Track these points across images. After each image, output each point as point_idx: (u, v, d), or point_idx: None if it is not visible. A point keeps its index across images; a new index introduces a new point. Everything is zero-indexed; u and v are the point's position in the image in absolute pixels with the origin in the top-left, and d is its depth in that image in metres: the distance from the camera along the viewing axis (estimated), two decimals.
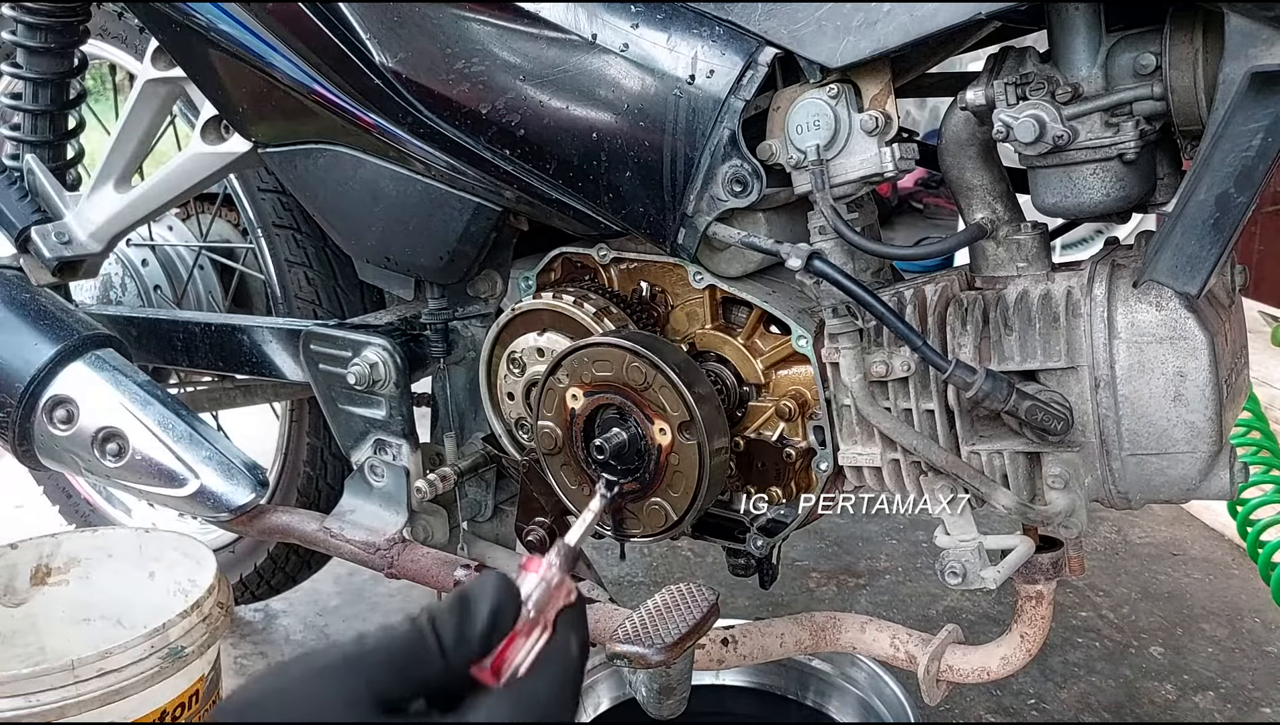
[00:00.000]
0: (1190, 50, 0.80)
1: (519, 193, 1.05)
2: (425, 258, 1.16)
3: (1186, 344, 0.83)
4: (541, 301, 1.10)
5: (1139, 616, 1.96)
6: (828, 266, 0.88)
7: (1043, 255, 0.91)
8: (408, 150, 1.08)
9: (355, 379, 1.19)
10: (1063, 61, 0.85)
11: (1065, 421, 0.85)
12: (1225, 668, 1.80)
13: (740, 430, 1.05)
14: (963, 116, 0.90)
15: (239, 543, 1.80)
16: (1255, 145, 0.76)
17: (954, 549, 0.94)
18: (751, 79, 0.91)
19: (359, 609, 2.05)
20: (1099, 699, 1.73)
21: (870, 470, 0.97)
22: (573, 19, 0.98)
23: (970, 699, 1.72)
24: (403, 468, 1.22)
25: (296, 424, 1.67)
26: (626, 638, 0.76)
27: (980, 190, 0.92)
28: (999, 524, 1.00)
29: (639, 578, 2.12)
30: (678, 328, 1.09)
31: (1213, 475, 0.86)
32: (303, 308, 1.53)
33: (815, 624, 1.15)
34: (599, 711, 1.46)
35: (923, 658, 1.06)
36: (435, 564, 1.19)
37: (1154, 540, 2.24)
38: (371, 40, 1.07)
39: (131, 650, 1.22)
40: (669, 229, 0.98)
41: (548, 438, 1.07)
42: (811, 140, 0.90)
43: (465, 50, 1.03)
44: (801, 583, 2.10)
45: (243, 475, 1.27)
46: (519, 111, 1.01)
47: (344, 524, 1.26)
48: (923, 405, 0.92)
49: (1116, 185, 0.85)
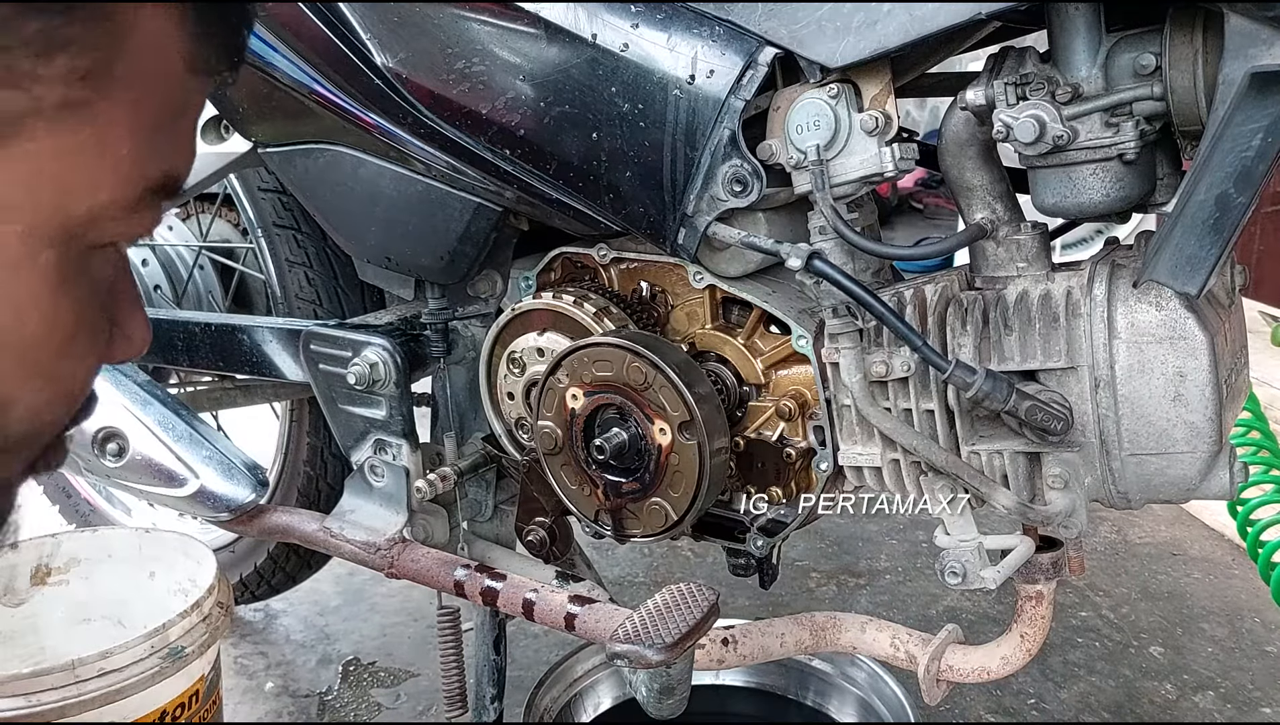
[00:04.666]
0: (1190, 50, 0.80)
1: (519, 193, 1.05)
2: (425, 258, 1.16)
3: (1186, 344, 0.83)
4: (541, 301, 1.10)
5: (1139, 616, 1.96)
6: (828, 266, 0.88)
7: (1043, 255, 0.91)
8: (408, 150, 1.08)
9: (355, 379, 1.19)
10: (1063, 61, 0.85)
11: (1065, 421, 0.85)
12: (1225, 667, 1.80)
13: (740, 430, 1.05)
14: (963, 116, 0.90)
15: (239, 543, 1.80)
16: (1255, 145, 0.76)
17: (954, 549, 0.94)
18: (751, 79, 0.91)
19: (359, 609, 2.05)
20: (1099, 699, 1.73)
21: (870, 470, 0.97)
22: (573, 19, 0.98)
23: (970, 699, 1.72)
24: (403, 468, 1.22)
25: (296, 424, 1.67)
26: (626, 638, 0.76)
27: (980, 190, 0.92)
28: (999, 524, 1.01)
29: (639, 578, 2.12)
30: (678, 328, 1.09)
31: (1213, 475, 0.86)
32: (303, 308, 1.53)
33: (815, 624, 1.15)
34: (599, 712, 1.46)
35: (923, 658, 1.06)
36: (435, 564, 1.19)
37: (1154, 540, 2.24)
38: (372, 40, 1.07)
39: (131, 650, 1.23)
40: (669, 229, 0.98)
41: (548, 438, 1.07)
42: (811, 140, 0.90)
43: (465, 50, 1.03)
44: (801, 583, 2.10)
45: (243, 475, 1.27)
46: (519, 111, 1.01)
47: (344, 524, 1.26)
48: (923, 405, 0.92)
49: (1116, 185, 0.85)
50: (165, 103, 0.45)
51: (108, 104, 0.42)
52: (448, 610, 1.33)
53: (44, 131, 0.40)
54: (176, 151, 0.47)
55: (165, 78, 0.44)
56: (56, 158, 0.41)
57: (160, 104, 0.45)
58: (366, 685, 1.83)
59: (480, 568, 1.16)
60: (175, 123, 0.46)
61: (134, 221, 0.45)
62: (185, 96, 0.46)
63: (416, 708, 1.77)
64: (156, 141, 0.45)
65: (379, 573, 1.24)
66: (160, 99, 0.45)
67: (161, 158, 0.45)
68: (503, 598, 1.12)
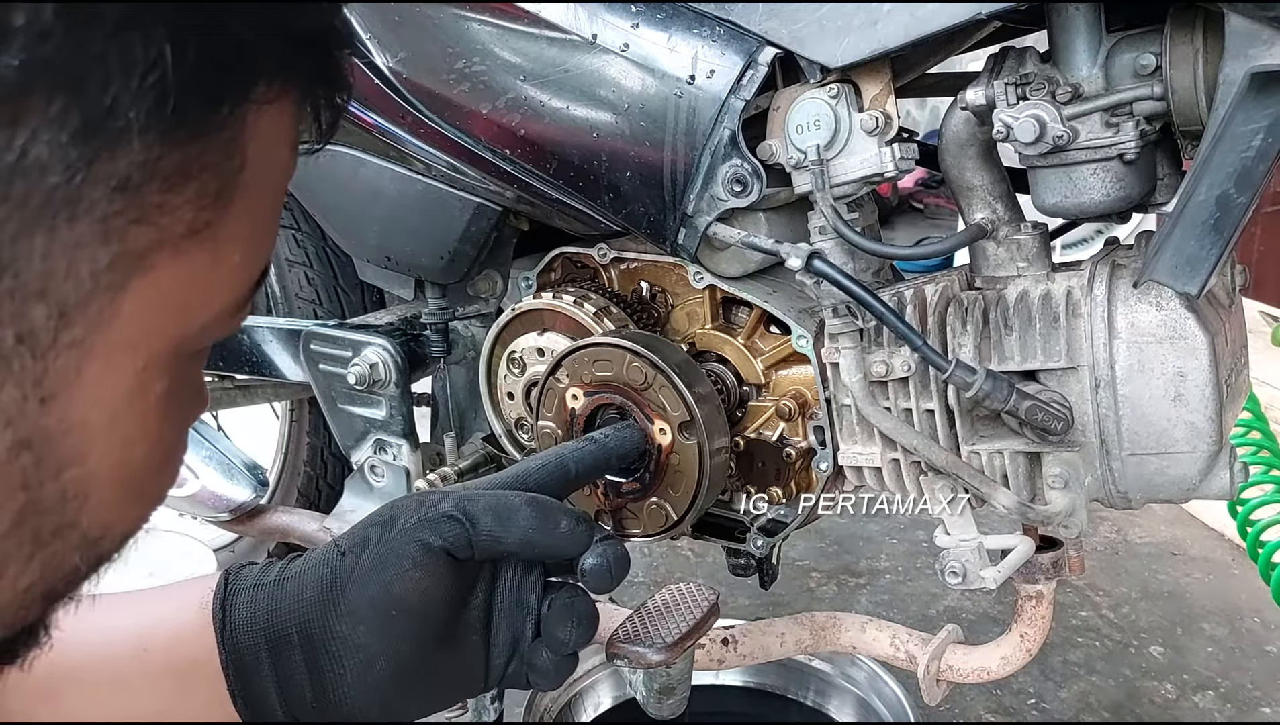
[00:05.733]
0: (1190, 50, 0.80)
1: (519, 192, 1.05)
2: (425, 257, 1.16)
3: (1186, 344, 0.83)
4: (542, 301, 1.10)
5: (1139, 616, 1.96)
6: (828, 266, 0.88)
7: (1043, 255, 0.91)
8: (408, 150, 1.08)
9: (355, 379, 1.19)
10: (1063, 61, 0.85)
11: (1065, 421, 0.85)
12: (1225, 667, 1.80)
13: (740, 430, 1.05)
14: (963, 116, 0.90)
15: (239, 543, 1.80)
16: (1255, 145, 0.76)
17: (954, 549, 0.94)
18: (752, 79, 0.91)
19: None
20: (1099, 699, 1.73)
21: (870, 470, 0.97)
22: (573, 19, 0.98)
23: (970, 699, 1.72)
24: (403, 468, 1.22)
25: (296, 424, 1.67)
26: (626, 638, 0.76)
27: (980, 190, 0.92)
28: (999, 524, 1.00)
29: (639, 578, 2.12)
30: (678, 328, 1.09)
31: (1213, 475, 0.86)
32: (303, 307, 1.53)
33: (815, 624, 1.15)
34: (599, 712, 1.46)
35: (923, 658, 1.06)
36: None
37: (1154, 540, 2.24)
38: (371, 40, 1.07)
39: None
40: (669, 229, 0.98)
41: (548, 438, 1.07)
42: (812, 140, 0.90)
43: (465, 50, 1.03)
44: (801, 583, 2.10)
45: (243, 475, 1.27)
46: (519, 111, 1.01)
47: (344, 524, 1.26)
48: (923, 405, 0.92)
49: (1116, 185, 0.85)
50: (276, 197, 0.42)
51: (229, 217, 0.38)
52: None
53: (167, 261, 0.37)
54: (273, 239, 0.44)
55: (280, 172, 0.42)
56: (178, 285, 0.38)
57: (272, 200, 0.42)
58: None
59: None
60: (277, 213, 0.44)
61: (235, 322, 0.43)
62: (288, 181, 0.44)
63: None
64: (263, 237, 0.42)
65: None
66: (273, 195, 0.42)
67: (265, 252, 0.43)
68: None
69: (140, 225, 0.36)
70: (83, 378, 0.37)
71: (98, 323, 0.36)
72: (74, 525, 0.39)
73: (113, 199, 0.34)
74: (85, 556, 0.41)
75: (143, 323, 0.37)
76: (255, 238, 0.41)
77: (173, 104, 0.34)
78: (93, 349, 0.36)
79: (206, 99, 0.36)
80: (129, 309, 0.37)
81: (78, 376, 0.37)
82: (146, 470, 0.41)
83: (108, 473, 0.39)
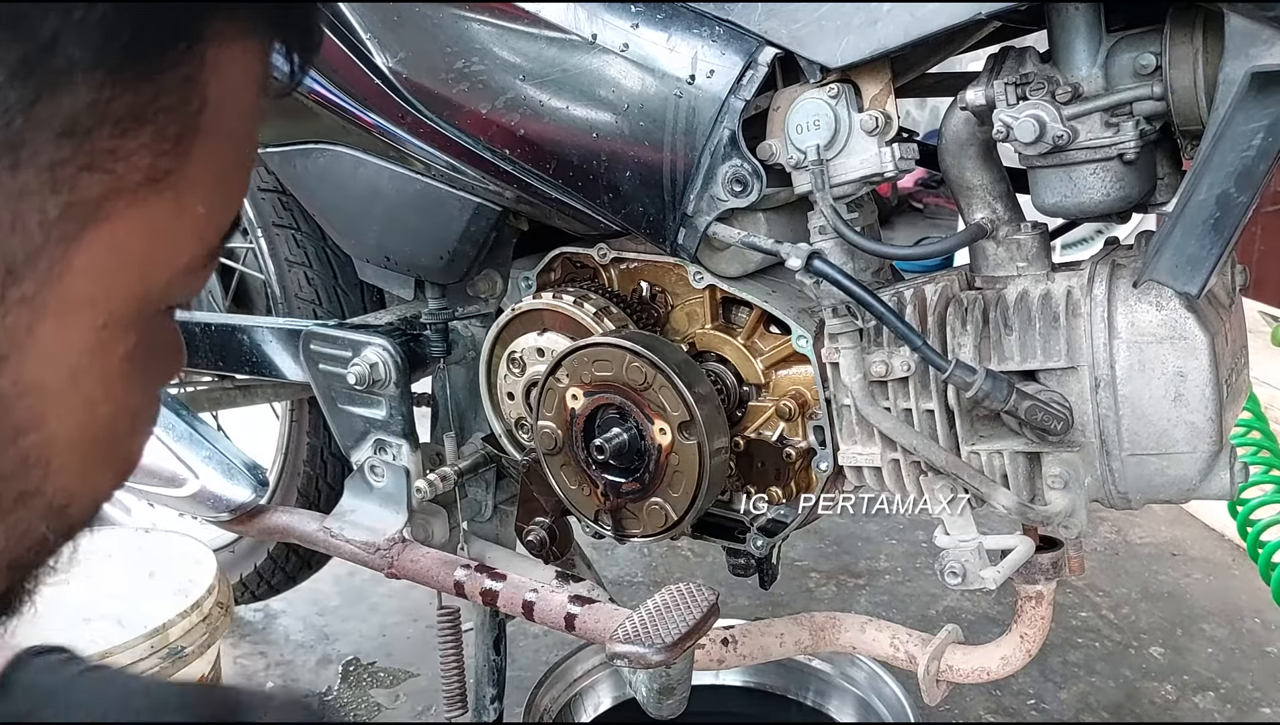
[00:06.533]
0: (1190, 50, 0.80)
1: (519, 192, 1.05)
2: (425, 257, 1.16)
3: (1186, 344, 0.83)
4: (541, 301, 1.10)
5: (1139, 616, 1.96)
6: (828, 266, 0.88)
7: (1043, 255, 0.91)
8: (408, 150, 1.08)
9: (355, 379, 1.19)
10: (1063, 61, 0.85)
11: (1065, 421, 0.85)
12: (1225, 668, 1.80)
13: (740, 430, 1.05)
14: (963, 116, 0.90)
15: (239, 543, 1.80)
16: (1255, 145, 0.76)
17: (954, 549, 0.94)
18: (751, 79, 0.91)
19: (359, 609, 2.05)
20: (1099, 699, 1.73)
21: (870, 470, 0.97)
22: (573, 19, 0.98)
23: (970, 699, 1.72)
24: (403, 468, 1.22)
25: (296, 424, 1.67)
26: (626, 638, 0.76)
27: (980, 190, 0.92)
28: (999, 524, 1.00)
29: (639, 578, 2.12)
30: (678, 328, 1.09)
31: (1213, 475, 0.86)
32: (303, 308, 1.53)
33: (815, 624, 1.15)
34: (599, 711, 1.46)
35: (923, 658, 1.06)
36: (435, 564, 1.19)
37: (1154, 540, 2.24)
38: (371, 40, 1.07)
39: (131, 650, 1.23)
40: (669, 229, 0.98)
41: (548, 438, 1.07)
42: (811, 140, 0.90)
43: (465, 50, 1.03)
44: (801, 583, 2.10)
45: (243, 475, 1.27)
46: (519, 111, 1.01)
47: (344, 524, 1.26)
48: (923, 405, 0.92)
49: (1116, 185, 0.85)
50: (241, 143, 0.40)
51: (189, 164, 0.36)
52: (448, 610, 1.33)
53: (124, 211, 0.35)
54: (242, 189, 0.41)
55: (244, 116, 0.39)
56: (137, 236, 0.35)
57: (237, 146, 0.39)
58: (366, 685, 1.83)
59: (480, 568, 1.16)
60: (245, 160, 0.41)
61: (202, 277, 0.40)
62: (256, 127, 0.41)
63: (416, 708, 1.77)
64: (230, 186, 0.39)
65: (379, 573, 1.24)
66: (238, 141, 0.39)
67: (233, 202, 0.40)
68: (502, 598, 1.12)
69: (92, 173, 0.33)
70: (36, 336, 0.34)
71: (48, 277, 0.34)
72: (38, 493, 0.37)
73: (59, 144, 0.32)
74: (53, 525, 0.39)
75: (100, 278, 0.35)
76: (221, 186, 0.38)
77: (121, 40, 0.32)
78: (45, 306, 0.34)
79: (157, 35, 0.33)
80: (83, 263, 0.34)
81: (30, 335, 0.34)
82: (113, 433, 0.39)
83: (70, 436, 0.37)
